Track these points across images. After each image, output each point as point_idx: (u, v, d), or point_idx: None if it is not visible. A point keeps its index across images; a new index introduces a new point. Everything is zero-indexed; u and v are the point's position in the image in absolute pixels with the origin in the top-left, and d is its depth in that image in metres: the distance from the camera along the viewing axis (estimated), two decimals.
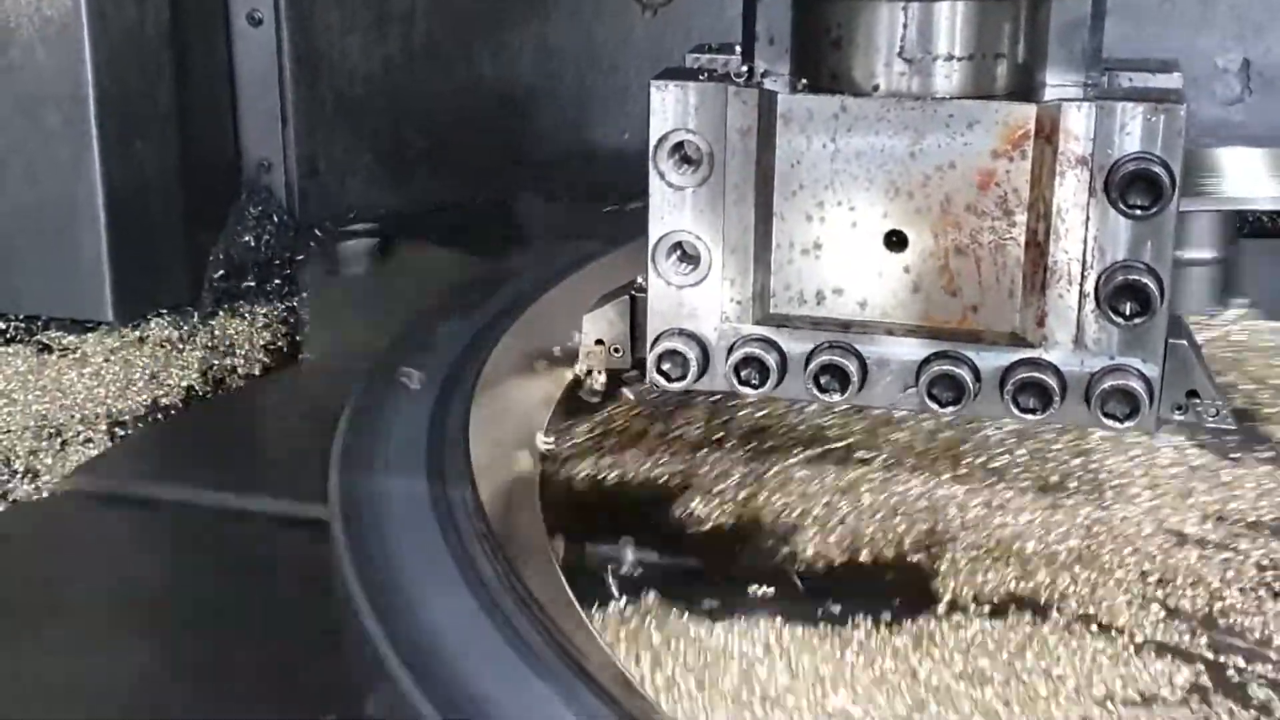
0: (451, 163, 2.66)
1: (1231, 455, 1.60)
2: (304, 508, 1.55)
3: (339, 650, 1.26)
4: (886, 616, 1.34)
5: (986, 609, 1.36)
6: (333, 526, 1.32)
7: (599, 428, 1.62)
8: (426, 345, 1.63)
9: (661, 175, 1.39)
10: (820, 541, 1.47)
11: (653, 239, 1.41)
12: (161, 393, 2.03)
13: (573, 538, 1.45)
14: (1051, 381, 1.35)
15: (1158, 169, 1.29)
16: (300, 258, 2.43)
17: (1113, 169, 1.30)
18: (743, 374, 1.41)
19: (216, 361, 2.12)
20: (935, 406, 1.38)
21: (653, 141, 1.38)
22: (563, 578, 1.33)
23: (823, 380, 1.39)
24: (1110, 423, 1.36)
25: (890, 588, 1.40)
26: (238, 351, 2.16)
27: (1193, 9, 2.68)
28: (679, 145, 1.38)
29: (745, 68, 1.39)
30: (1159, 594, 1.39)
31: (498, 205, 2.61)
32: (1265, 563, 1.43)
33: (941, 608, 1.36)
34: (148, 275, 2.26)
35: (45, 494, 1.75)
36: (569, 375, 1.63)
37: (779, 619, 1.33)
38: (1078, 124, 1.31)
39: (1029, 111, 1.32)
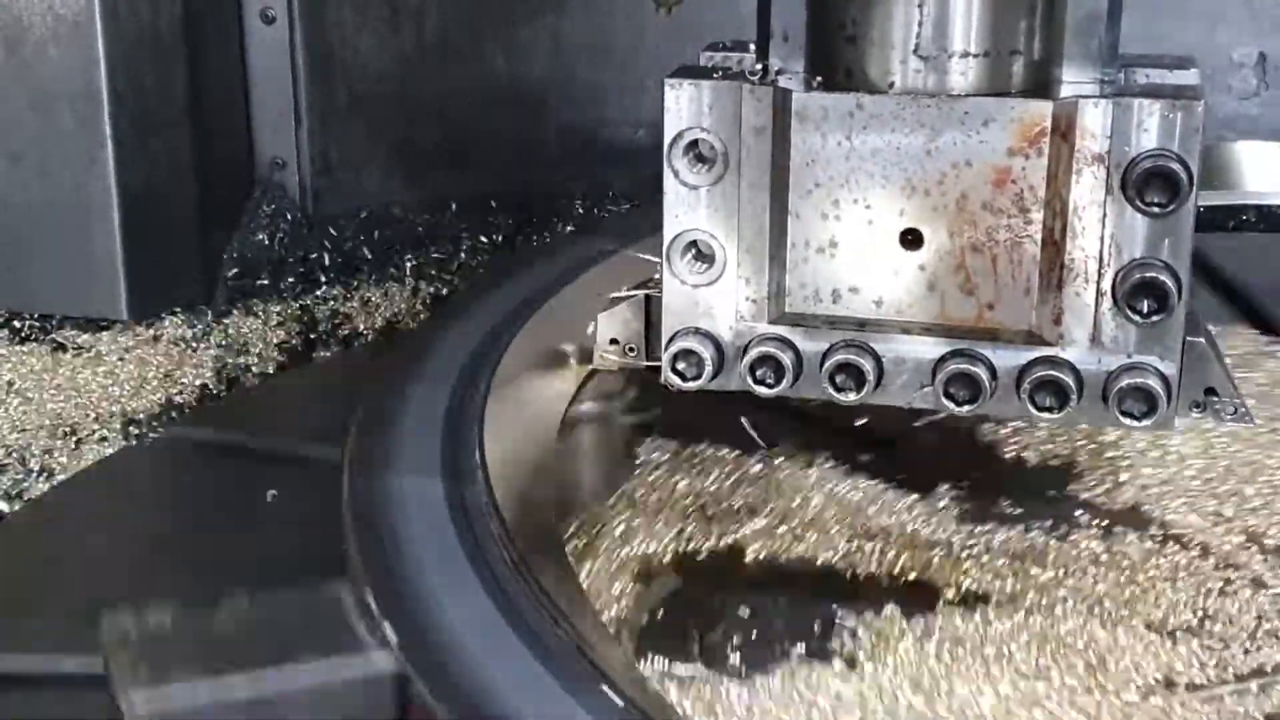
0: (465, 159, 2.66)
1: None
2: None
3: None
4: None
5: None
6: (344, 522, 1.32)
7: None
8: None
9: (676, 174, 1.38)
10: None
11: (667, 238, 1.40)
12: (175, 391, 2.04)
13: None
14: (1068, 380, 1.35)
15: (1175, 166, 1.28)
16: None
17: (1130, 166, 1.30)
18: (758, 373, 1.40)
19: (230, 360, 2.12)
20: (952, 405, 1.38)
21: (667, 140, 1.38)
22: (575, 570, 1.33)
23: (838, 379, 1.39)
24: (1128, 421, 1.35)
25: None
26: (252, 350, 2.16)
27: (1209, 3, 2.67)
28: (693, 144, 1.37)
29: (760, 65, 1.38)
30: None
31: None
32: None
33: None
34: (162, 273, 2.26)
35: None
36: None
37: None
38: (1094, 121, 1.30)
39: (1045, 109, 1.32)
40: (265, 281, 2.36)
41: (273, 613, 1.19)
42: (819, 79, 1.37)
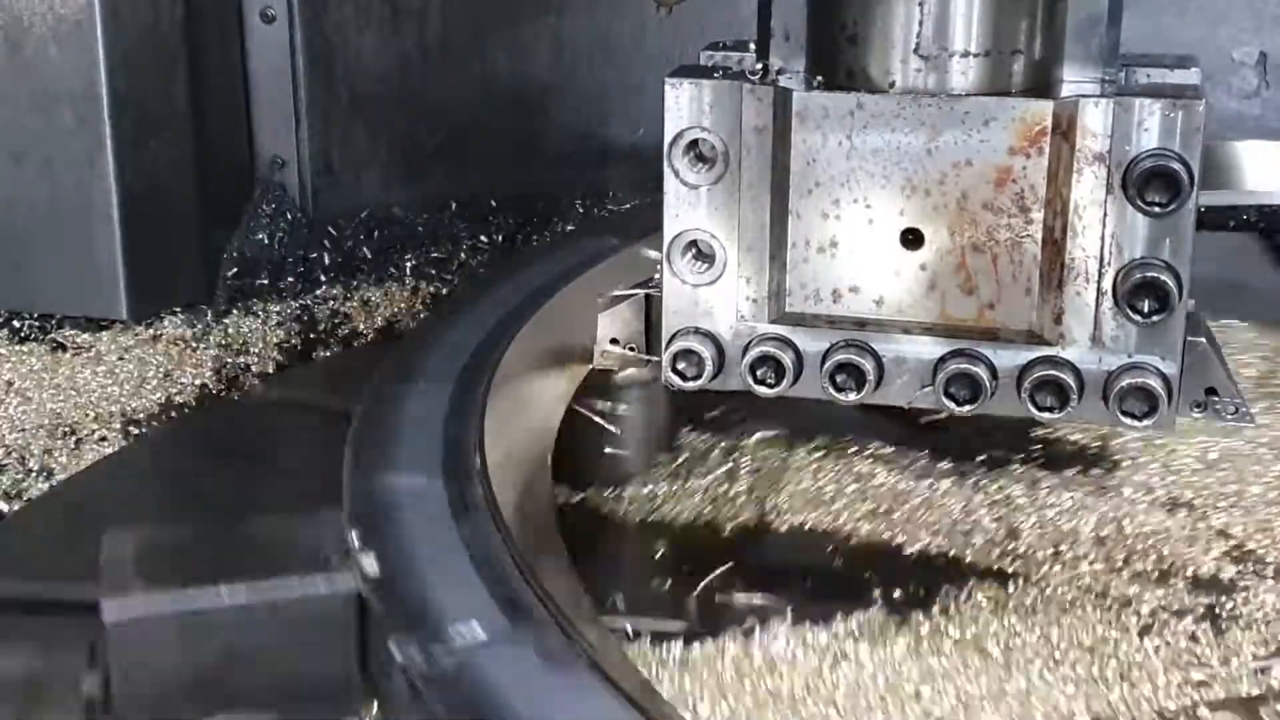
0: (466, 159, 2.65)
1: None
2: None
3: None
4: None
5: None
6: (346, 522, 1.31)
7: None
8: None
9: (676, 173, 1.38)
10: None
11: (668, 237, 1.40)
12: (175, 391, 2.03)
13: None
14: (1069, 379, 1.35)
15: (1176, 165, 1.28)
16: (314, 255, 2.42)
17: (1130, 165, 1.30)
18: (758, 373, 1.40)
19: (230, 360, 2.12)
20: (952, 405, 1.38)
21: (667, 140, 1.38)
22: (577, 576, 1.33)
23: (839, 379, 1.39)
24: (1128, 421, 1.35)
25: None
26: (251, 350, 2.16)
27: (1210, 2, 2.67)
28: (694, 143, 1.37)
29: (760, 65, 1.38)
30: None
31: None
32: None
33: None
34: (162, 273, 2.26)
35: None
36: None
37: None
38: (1095, 120, 1.30)
39: (1046, 108, 1.32)
40: (265, 281, 2.36)
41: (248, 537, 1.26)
42: (819, 78, 1.37)
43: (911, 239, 1.37)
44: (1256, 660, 1.30)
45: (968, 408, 1.37)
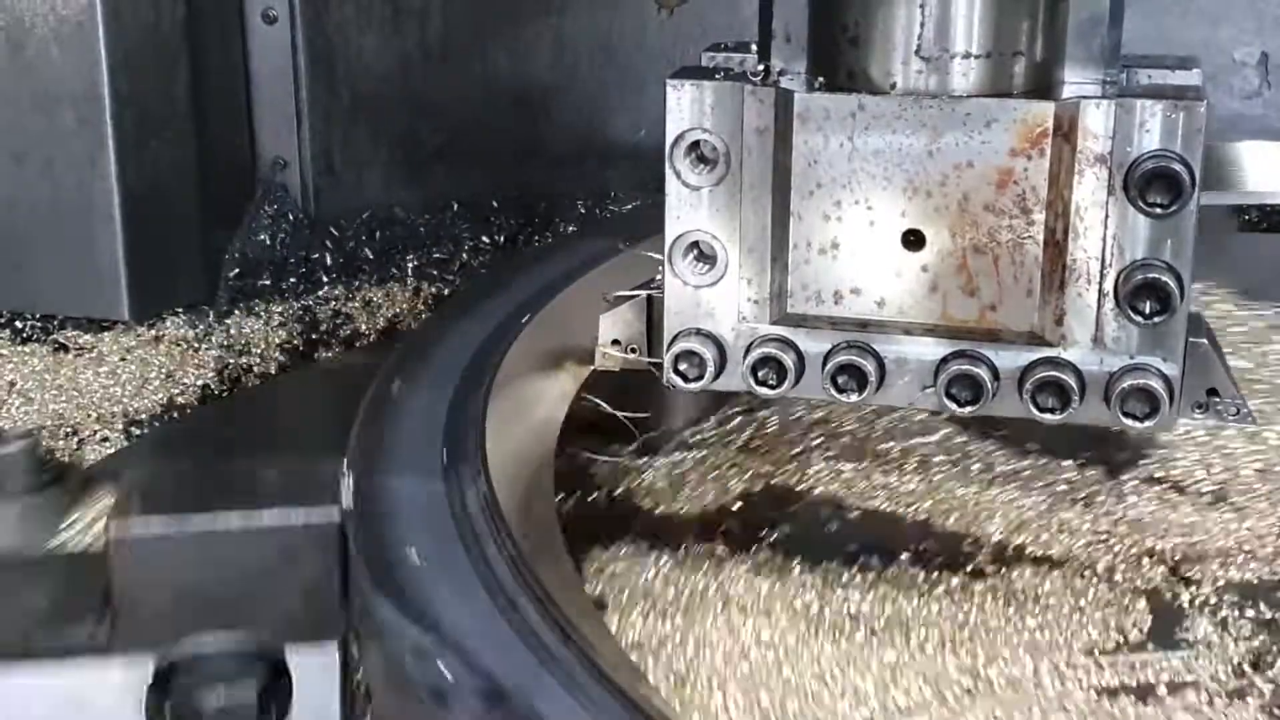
0: (467, 159, 2.66)
1: None
2: None
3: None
4: None
5: None
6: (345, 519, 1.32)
7: None
8: None
9: (678, 175, 1.38)
10: None
11: (669, 239, 1.40)
12: (177, 392, 2.04)
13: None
14: (1070, 381, 1.35)
15: (1177, 167, 1.28)
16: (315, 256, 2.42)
17: (1132, 167, 1.30)
18: (760, 374, 1.40)
19: (232, 360, 2.12)
20: (953, 406, 1.38)
21: (669, 141, 1.38)
22: (574, 567, 1.34)
23: (840, 380, 1.39)
24: (1130, 422, 1.35)
25: None
26: (253, 350, 2.16)
27: (1211, 2, 2.67)
28: (695, 145, 1.37)
29: (761, 66, 1.38)
30: None
31: None
32: None
33: None
34: (164, 274, 2.26)
35: None
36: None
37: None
38: (1096, 122, 1.30)
39: (1047, 109, 1.32)
40: (267, 282, 2.36)
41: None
42: (821, 80, 1.37)
43: (913, 240, 1.37)
44: None
45: (969, 409, 1.37)
